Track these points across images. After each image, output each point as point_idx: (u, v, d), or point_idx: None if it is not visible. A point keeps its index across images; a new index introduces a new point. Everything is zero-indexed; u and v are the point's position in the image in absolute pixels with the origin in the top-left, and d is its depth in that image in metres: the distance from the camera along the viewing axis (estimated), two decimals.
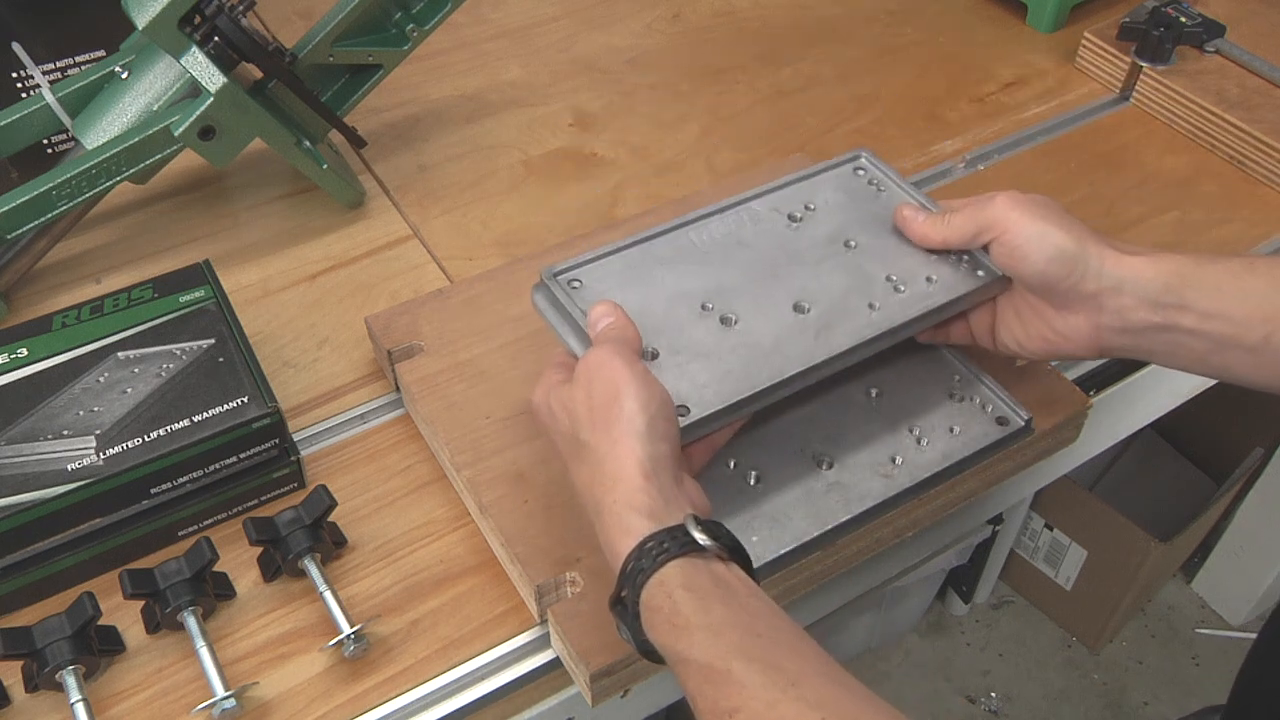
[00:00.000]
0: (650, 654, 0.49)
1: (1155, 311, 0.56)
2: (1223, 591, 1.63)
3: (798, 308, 0.60)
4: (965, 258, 0.62)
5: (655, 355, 0.57)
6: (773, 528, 0.58)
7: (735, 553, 0.49)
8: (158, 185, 0.84)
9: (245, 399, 0.62)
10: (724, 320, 0.59)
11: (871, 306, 0.60)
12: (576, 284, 0.60)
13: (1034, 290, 0.60)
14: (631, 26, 1.06)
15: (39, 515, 0.58)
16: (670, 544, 0.47)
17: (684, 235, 0.63)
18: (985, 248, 0.60)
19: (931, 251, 0.63)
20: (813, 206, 0.65)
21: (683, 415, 0.54)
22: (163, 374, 0.64)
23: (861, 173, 0.68)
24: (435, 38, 0.84)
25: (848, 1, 1.09)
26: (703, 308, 0.59)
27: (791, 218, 0.64)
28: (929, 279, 0.62)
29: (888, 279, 0.62)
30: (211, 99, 0.72)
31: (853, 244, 0.63)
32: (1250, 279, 0.56)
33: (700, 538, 0.47)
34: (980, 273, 0.62)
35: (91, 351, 0.65)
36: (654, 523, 0.48)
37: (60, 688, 0.56)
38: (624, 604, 0.49)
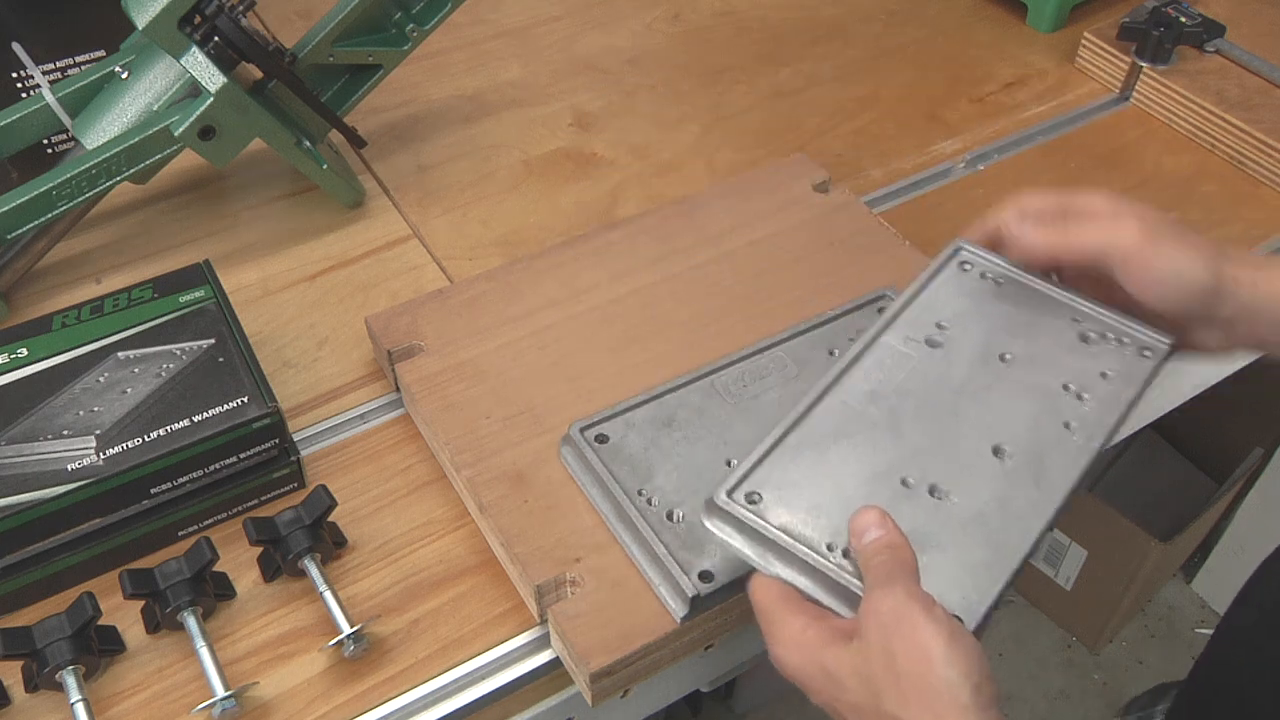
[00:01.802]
0: None
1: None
2: (1223, 591, 1.62)
3: (998, 452, 0.55)
4: (1123, 339, 0.59)
5: None
6: None
7: None
8: (158, 185, 0.84)
9: (245, 399, 0.62)
10: (934, 493, 0.53)
11: (1068, 426, 0.56)
12: (756, 498, 0.52)
13: (1163, 318, 0.58)
14: (631, 26, 1.06)
15: (39, 515, 0.58)
16: None
17: (835, 400, 0.56)
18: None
19: (1083, 339, 0.59)
20: (944, 324, 0.60)
21: None
22: (163, 374, 0.64)
23: (969, 267, 0.63)
24: (435, 38, 0.84)
25: (848, 1, 1.09)
26: (903, 484, 0.53)
27: (931, 343, 0.59)
28: (1104, 374, 0.58)
29: (1065, 388, 0.57)
30: (211, 99, 0.72)
31: (1008, 356, 0.59)
32: None
33: None
34: (1146, 352, 0.58)
35: (91, 351, 0.65)
36: None
37: (60, 688, 0.56)
38: None
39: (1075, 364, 0.58)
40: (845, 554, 0.50)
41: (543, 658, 0.60)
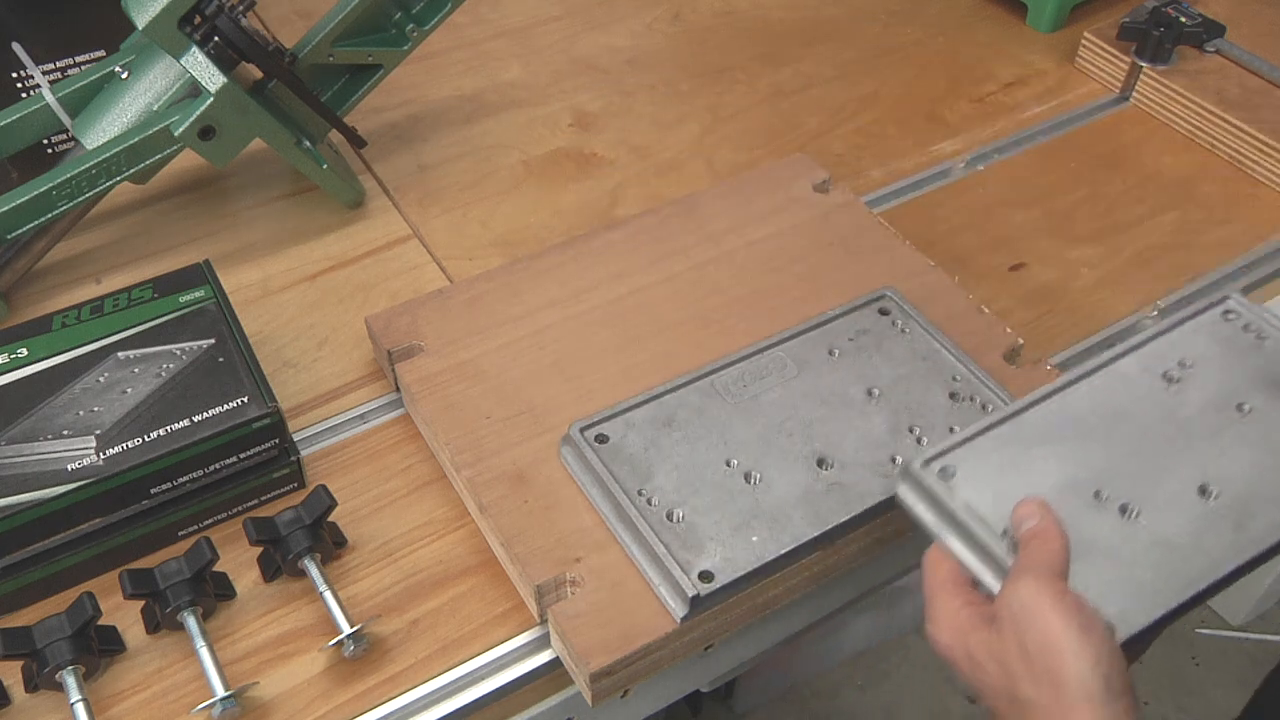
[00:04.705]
0: None
1: None
2: (1223, 591, 1.62)
3: (1204, 491, 0.54)
4: None
5: None
6: (773, 528, 0.58)
7: None
8: (158, 185, 0.84)
9: (245, 399, 0.62)
10: (1124, 511, 0.53)
11: None
12: (950, 473, 0.54)
13: None
14: (631, 26, 1.06)
15: (39, 515, 0.58)
16: None
17: (1055, 405, 0.57)
18: None
19: None
20: (1188, 364, 0.59)
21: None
22: (163, 374, 0.64)
23: (1233, 318, 0.61)
24: (435, 38, 0.84)
25: (848, 1, 1.09)
26: (1095, 496, 0.53)
27: (1167, 378, 0.58)
28: None
29: None
30: (211, 99, 0.72)
31: (1246, 408, 0.57)
32: None
33: None
34: None
35: (91, 351, 0.65)
36: None
37: (60, 688, 0.56)
38: None
39: None
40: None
41: (543, 658, 0.60)
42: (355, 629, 0.57)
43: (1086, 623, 0.46)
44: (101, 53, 0.82)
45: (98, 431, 0.61)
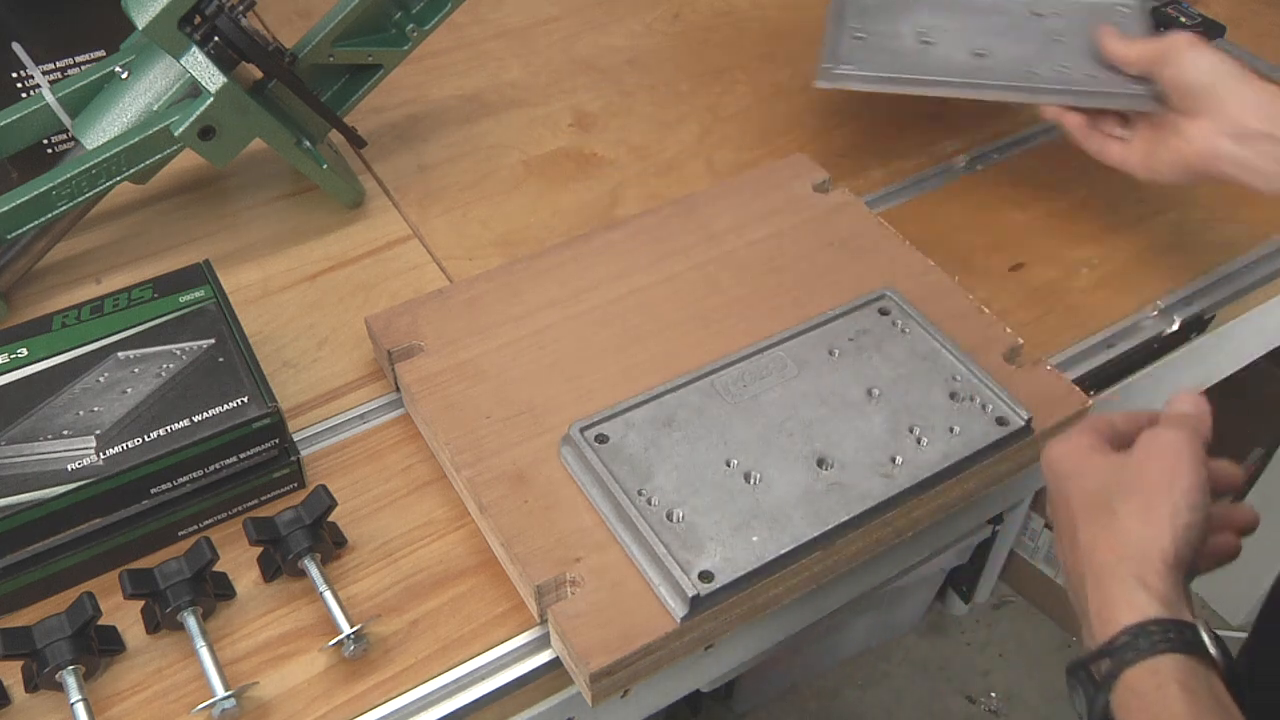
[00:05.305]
0: None
1: (1266, 122, 0.66)
2: (1223, 591, 1.63)
3: (1032, 66, 0.79)
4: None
5: None
6: (773, 528, 0.59)
7: (1234, 678, 0.47)
8: (158, 185, 0.84)
9: (245, 399, 0.62)
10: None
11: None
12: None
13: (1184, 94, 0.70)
14: (631, 26, 1.06)
15: (39, 515, 0.58)
16: (1176, 637, 0.46)
17: None
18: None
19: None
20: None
21: None
22: (163, 374, 0.64)
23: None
24: (435, 38, 0.84)
25: None
26: (977, 54, 0.80)
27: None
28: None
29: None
30: (211, 99, 0.72)
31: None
32: None
33: (1212, 649, 0.46)
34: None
35: (91, 351, 0.65)
36: (1165, 609, 0.47)
37: (60, 688, 0.56)
38: (1090, 674, 0.48)
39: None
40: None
41: (543, 658, 0.60)
42: (355, 629, 0.57)
43: (1207, 487, 0.50)
44: (101, 53, 0.82)
45: (98, 431, 0.61)
